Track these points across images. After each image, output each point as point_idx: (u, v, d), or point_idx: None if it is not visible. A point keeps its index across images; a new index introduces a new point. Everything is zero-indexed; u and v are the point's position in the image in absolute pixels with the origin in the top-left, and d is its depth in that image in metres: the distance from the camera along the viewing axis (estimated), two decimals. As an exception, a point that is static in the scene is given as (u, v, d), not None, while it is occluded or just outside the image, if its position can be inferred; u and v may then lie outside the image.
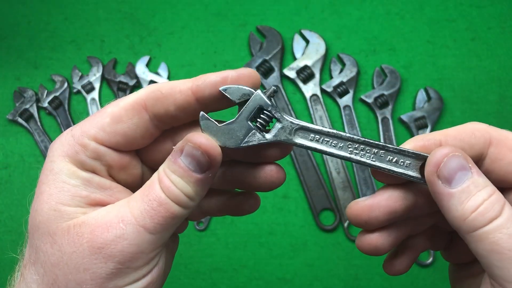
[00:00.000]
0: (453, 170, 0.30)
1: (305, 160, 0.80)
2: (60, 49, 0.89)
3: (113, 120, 0.32)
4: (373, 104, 0.82)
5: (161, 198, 0.31)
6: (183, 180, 0.31)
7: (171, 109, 0.33)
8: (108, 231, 0.30)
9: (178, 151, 0.31)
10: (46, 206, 0.31)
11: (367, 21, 0.88)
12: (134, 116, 0.32)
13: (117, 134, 0.32)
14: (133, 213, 0.30)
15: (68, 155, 0.32)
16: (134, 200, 0.31)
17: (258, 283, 0.77)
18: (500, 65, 0.84)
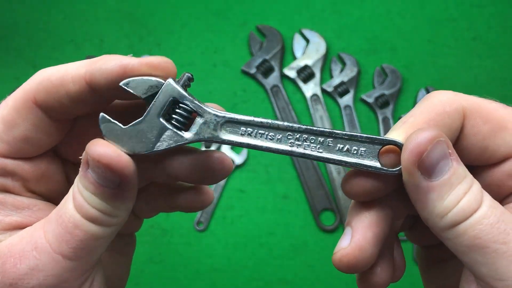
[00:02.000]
0: (436, 160, 0.25)
1: (305, 161, 0.80)
2: (59, 48, 0.89)
3: (6, 125, 0.27)
4: (373, 104, 0.81)
5: (75, 219, 0.25)
6: (96, 197, 0.26)
7: (65, 101, 0.27)
8: (21, 263, 0.25)
9: (85, 163, 0.26)
10: None
11: (368, 21, 0.87)
12: (27, 115, 0.27)
13: (17, 140, 0.27)
14: (47, 239, 0.25)
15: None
16: (49, 221, 0.26)
17: (258, 284, 0.76)
18: (501, 65, 0.84)
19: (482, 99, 0.28)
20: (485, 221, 0.24)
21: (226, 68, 0.86)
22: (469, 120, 0.27)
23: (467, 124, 0.27)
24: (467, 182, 0.25)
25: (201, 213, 0.79)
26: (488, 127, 0.27)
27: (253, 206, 0.80)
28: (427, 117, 0.27)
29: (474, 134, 0.27)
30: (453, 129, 0.27)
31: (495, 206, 0.25)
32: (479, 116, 0.27)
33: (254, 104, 0.84)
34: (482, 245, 0.24)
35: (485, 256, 0.24)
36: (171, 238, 0.79)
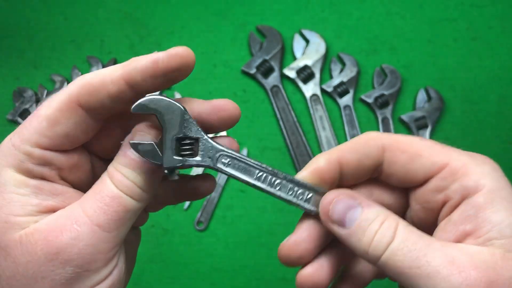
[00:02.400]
0: (342, 213, 0.31)
1: (305, 160, 0.80)
2: (60, 49, 0.89)
3: (50, 123, 0.31)
4: (373, 104, 0.82)
5: (113, 192, 0.31)
6: (134, 171, 0.31)
7: (106, 101, 0.31)
8: (62, 234, 0.29)
9: (127, 145, 0.32)
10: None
11: (368, 21, 0.88)
12: (71, 115, 0.31)
13: (59, 136, 0.31)
14: (86, 213, 0.30)
15: (13, 165, 0.31)
16: (86, 199, 0.31)
17: (258, 283, 0.77)
18: (500, 65, 0.84)
19: (402, 136, 0.34)
20: (399, 252, 0.29)
21: (226, 68, 0.86)
22: (389, 152, 0.33)
23: (387, 155, 0.33)
24: (377, 221, 0.31)
25: (201, 213, 0.79)
26: (406, 155, 0.33)
27: (253, 206, 0.80)
28: (350, 146, 0.34)
29: (394, 162, 0.33)
30: (373, 157, 0.33)
31: (407, 237, 0.30)
32: (397, 148, 0.33)
33: (254, 104, 0.84)
34: (402, 271, 0.29)
35: (408, 279, 0.29)
36: (171, 237, 0.79)
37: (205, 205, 0.80)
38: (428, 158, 0.32)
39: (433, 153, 0.32)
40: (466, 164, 0.31)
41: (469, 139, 0.81)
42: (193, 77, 0.92)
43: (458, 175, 0.31)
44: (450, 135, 0.81)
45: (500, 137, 0.81)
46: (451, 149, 0.33)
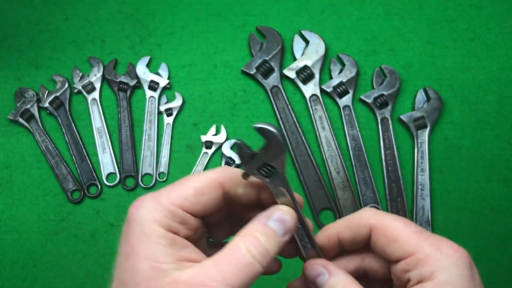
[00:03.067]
0: (313, 277, 0.42)
1: (305, 160, 0.81)
2: (61, 49, 0.90)
3: (197, 192, 0.38)
4: (372, 104, 0.82)
5: (247, 260, 0.36)
6: (270, 241, 0.37)
7: (236, 193, 0.41)
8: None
9: (265, 217, 0.39)
10: (145, 266, 0.35)
11: (367, 22, 0.88)
12: (214, 191, 0.39)
13: (199, 204, 0.39)
14: (222, 274, 0.35)
15: (157, 220, 0.37)
16: (221, 262, 0.36)
17: (258, 282, 0.77)
18: (499, 65, 0.85)
19: (390, 219, 0.40)
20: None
21: (226, 68, 0.87)
22: (374, 232, 0.40)
23: (373, 234, 0.40)
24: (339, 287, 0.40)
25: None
26: (385, 239, 0.39)
27: (253, 205, 0.80)
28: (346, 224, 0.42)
29: (375, 242, 0.40)
30: (363, 235, 0.41)
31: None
32: (380, 231, 0.40)
33: (254, 105, 0.85)
34: None
35: None
36: (172, 237, 0.79)
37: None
38: (401, 245, 0.39)
39: (406, 241, 0.38)
40: (429, 256, 0.37)
41: (468, 139, 0.82)
42: (193, 77, 0.93)
43: (420, 264, 0.37)
44: (449, 135, 0.82)
45: (499, 137, 0.81)
46: (425, 238, 0.38)
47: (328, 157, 0.81)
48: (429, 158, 0.80)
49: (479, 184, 0.79)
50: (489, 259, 0.76)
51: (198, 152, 0.83)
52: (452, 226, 0.78)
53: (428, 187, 0.78)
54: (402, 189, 0.79)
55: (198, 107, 0.85)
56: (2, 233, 0.81)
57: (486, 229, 0.77)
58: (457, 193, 0.79)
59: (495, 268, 0.76)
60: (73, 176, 0.83)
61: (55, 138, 0.85)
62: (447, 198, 0.79)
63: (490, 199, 0.79)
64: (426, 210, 0.77)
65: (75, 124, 0.85)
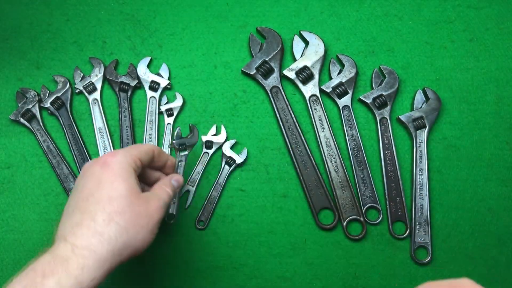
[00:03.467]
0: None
1: (304, 160, 0.81)
2: (62, 50, 0.90)
3: (145, 153, 0.62)
4: (371, 105, 0.83)
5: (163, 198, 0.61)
6: (172, 188, 0.64)
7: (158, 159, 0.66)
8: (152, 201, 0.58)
9: (169, 177, 0.66)
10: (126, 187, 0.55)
11: (366, 23, 0.89)
12: (151, 153, 0.64)
13: (145, 159, 0.62)
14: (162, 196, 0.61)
15: (130, 164, 0.58)
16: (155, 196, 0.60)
17: (258, 282, 0.78)
18: (497, 66, 0.85)
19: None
20: None
21: (227, 69, 0.87)
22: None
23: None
24: None
25: (202, 212, 0.80)
26: None
27: (253, 205, 0.81)
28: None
29: None
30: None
31: None
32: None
33: (254, 105, 0.85)
34: None
35: None
36: (172, 236, 0.80)
37: (205, 204, 0.80)
38: None
39: None
40: None
41: (466, 139, 0.82)
42: (193, 78, 0.94)
43: None
44: (448, 135, 0.82)
45: (498, 137, 0.82)
46: None
47: (328, 157, 0.81)
48: (427, 158, 0.80)
49: (477, 183, 0.80)
50: (487, 258, 0.77)
51: (198, 152, 0.83)
52: (451, 225, 0.78)
53: (427, 187, 0.79)
54: (401, 189, 0.79)
55: (198, 107, 0.85)
56: (4, 232, 0.81)
57: (484, 229, 0.78)
58: (455, 193, 0.80)
59: (493, 268, 0.76)
60: (75, 176, 0.83)
61: (57, 138, 0.85)
62: (446, 198, 0.80)
63: (488, 199, 0.79)
64: (425, 209, 0.78)
65: (76, 124, 0.86)
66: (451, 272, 0.77)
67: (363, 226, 0.78)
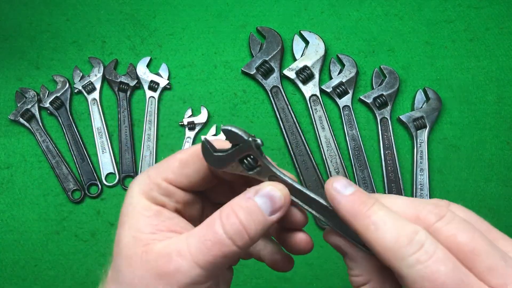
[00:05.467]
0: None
1: (304, 160, 0.81)
2: (62, 49, 0.90)
3: (181, 164, 0.37)
4: (372, 105, 0.82)
5: (217, 236, 0.33)
6: (251, 217, 0.33)
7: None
8: (169, 263, 0.34)
9: (252, 191, 0.35)
10: (128, 234, 0.36)
11: (366, 22, 0.88)
12: (198, 162, 0.37)
13: (183, 176, 0.37)
14: (189, 248, 0.33)
15: (144, 192, 0.37)
16: (193, 235, 0.34)
17: (258, 282, 0.77)
18: (498, 66, 0.85)
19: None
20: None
21: (227, 69, 0.87)
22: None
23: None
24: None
25: (202, 212, 0.80)
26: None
27: (253, 205, 0.81)
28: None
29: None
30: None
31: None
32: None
33: (254, 105, 0.85)
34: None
35: None
36: (172, 237, 0.79)
37: (205, 204, 0.80)
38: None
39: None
40: None
41: (467, 139, 0.82)
42: (193, 77, 0.93)
43: None
44: (448, 135, 0.82)
45: (498, 137, 0.82)
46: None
47: (328, 157, 0.81)
48: (428, 158, 0.80)
49: (478, 183, 0.80)
50: (488, 258, 0.76)
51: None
52: (451, 225, 0.78)
53: (427, 187, 0.78)
54: (402, 189, 0.79)
55: (198, 107, 0.85)
56: (3, 232, 0.81)
57: (485, 229, 0.78)
58: (456, 193, 0.79)
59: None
60: (74, 176, 0.83)
61: (56, 138, 0.85)
62: (446, 198, 0.79)
63: (489, 199, 0.79)
64: (426, 209, 0.78)
65: (76, 124, 0.85)
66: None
67: (363, 226, 0.78)
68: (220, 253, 0.32)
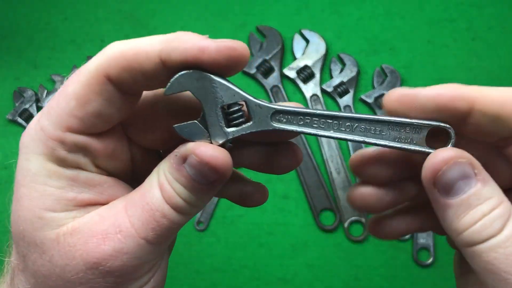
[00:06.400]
0: (452, 180, 0.26)
1: (305, 161, 0.80)
2: (60, 49, 0.89)
3: (80, 102, 0.27)
4: (373, 104, 0.82)
5: (164, 208, 0.28)
6: (187, 190, 0.28)
7: (138, 78, 0.27)
8: (105, 243, 0.26)
9: (181, 158, 0.28)
10: (29, 214, 0.28)
11: (367, 21, 0.88)
12: (101, 91, 0.27)
13: (91, 116, 0.27)
14: (132, 224, 0.27)
15: (43, 153, 0.27)
16: (133, 206, 0.27)
17: (258, 283, 0.77)
18: (500, 65, 0.84)
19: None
20: (500, 250, 0.24)
21: (226, 68, 0.86)
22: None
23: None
24: (489, 204, 0.26)
25: (201, 213, 0.79)
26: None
27: (253, 206, 0.80)
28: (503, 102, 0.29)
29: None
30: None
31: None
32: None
33: (254, 104, 0.85)
34: (494, 271, 0.25)
35: (496, 282, 0.25)
36: (171, 237, 0.79)
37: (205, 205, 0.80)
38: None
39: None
40: None
41: (469, 139, 0.81)
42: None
43: None
44: (450, 135, 0.82)
45: (500, 137, 0.81)
46: None
47: (329, 157, 0.80)
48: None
49: (480, 184, 0.79)
50: (491, 259, 0.76)
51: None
52: (453, 226, 0.78)
53: (429, 188, 0.78)
54: (403, 190, 0.78)
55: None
56: (1, 233, 0.80)
57: (487, 230, 0.77)
58: (458, 194, 0.79)
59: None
60: (72, 176, 0.82)
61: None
62: (448, 199, 0.79)
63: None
64: (427, 210, 0.77)
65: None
66: (453, 273, 0.76)
67: (364, 227, 0.77)
68: (172, 224, 0.28)
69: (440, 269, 0.76)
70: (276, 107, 0.29)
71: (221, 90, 0.29)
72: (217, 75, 0.29)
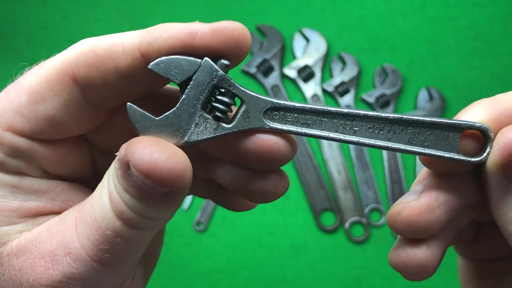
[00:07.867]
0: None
1: (305, 161, 0.80)
2: (58, 48, 0.88)
3: (32, 98, 0.22)
4: (374, 104, 0.81)
5: (115, 227, 0.21)
6: (139, 202, 0.21)
7: (111, 79, 0.22)
8: (53, 268, 0.21)
9: (124, 164, 0.21)
10: None
11: (369, 20, 0.87)
12: (61, 90, 0.22)
13: (40, 119, 0.22)
14: (82, 244, 0.21)
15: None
16: (82, 219, 0.22)
17: (258, 285, 0.76)
18: (502, 64, 0.84)
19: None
20: None
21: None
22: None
23: None
24: None
25: (201, 213, 0.79)
26: None
27: (253, 206, 0.80)
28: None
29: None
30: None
31: None
32: None
33: (254, 104, 0.84)
34: None
35: None
36: (171, 238, 0.78)
37: (204, 205, 0.79)
38: None
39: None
40: None
41: (470, 139, 0.81)
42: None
43: None
44: (452, 135, 0.81)
45: (502, 137, 0.81)
46: None
47: (329, 157, 0.80)
48: (431, 158, 0.79)
49: (482, 184, 0.79)
50: (493, 260, 0.76)
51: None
52: (455, 227, 0.77)
53: (430, 188, 0.78)
54: (404, 190, 0.78)
55: (197, 106, 0.84)
56: None
57: (489, 230, 0.77)
58: (460, 194, 0.79)
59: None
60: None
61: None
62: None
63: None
64: (429, 211, 0.77)
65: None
66: (454, 274, 0.75)
67: (365, 228, 0.77)
68: (130, 243, 0.22)
69: (441, 271, 0.76)
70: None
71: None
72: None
